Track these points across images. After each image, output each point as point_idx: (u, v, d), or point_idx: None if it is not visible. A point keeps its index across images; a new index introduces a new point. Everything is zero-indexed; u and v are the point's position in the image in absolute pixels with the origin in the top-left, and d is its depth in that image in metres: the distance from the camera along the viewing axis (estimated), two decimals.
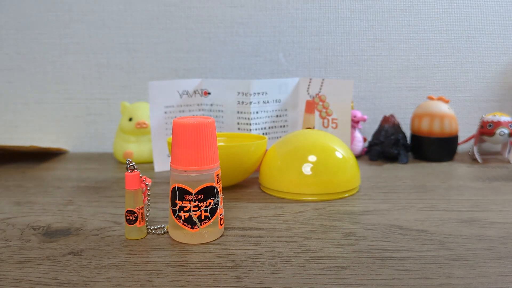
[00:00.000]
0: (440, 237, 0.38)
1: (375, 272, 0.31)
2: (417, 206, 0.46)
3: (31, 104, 0.82)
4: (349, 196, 0.50)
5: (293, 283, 0.30)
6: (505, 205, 0.47)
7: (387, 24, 0.79)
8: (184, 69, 0.80)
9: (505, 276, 0.31)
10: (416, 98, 0.80)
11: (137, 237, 0.38)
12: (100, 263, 0.33)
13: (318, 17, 0.79)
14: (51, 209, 0.47)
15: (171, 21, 0.79)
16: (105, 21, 0.79)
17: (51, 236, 0.39)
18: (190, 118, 0.37)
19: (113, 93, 0.81)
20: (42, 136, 0.82)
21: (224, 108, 0.65)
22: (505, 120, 0.69)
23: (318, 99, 0.67)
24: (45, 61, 0.80)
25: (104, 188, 0.55)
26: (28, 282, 0.30)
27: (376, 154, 0.70)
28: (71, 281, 0.30)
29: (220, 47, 0.79)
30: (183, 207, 0.36)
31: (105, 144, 0.82)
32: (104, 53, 0.80)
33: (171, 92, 0.64)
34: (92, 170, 0.66)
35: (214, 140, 0.37)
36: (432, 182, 0.57)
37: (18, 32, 0.79)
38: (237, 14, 0.78)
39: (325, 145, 0.51)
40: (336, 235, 0.38)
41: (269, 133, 0.66)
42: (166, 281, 0.30)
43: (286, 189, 0.49)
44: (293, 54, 0.80)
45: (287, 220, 0.42)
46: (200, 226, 0.36)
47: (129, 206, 0.37)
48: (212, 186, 0.36)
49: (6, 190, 0.55)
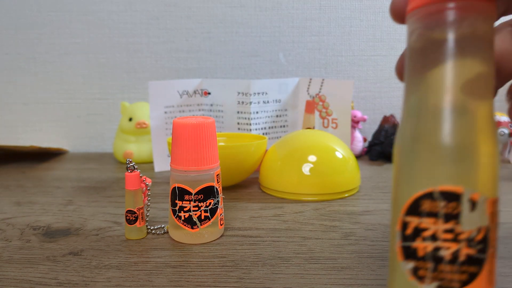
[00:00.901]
0: None
1: (375, 272, 0.31)
2: None
3: (31, 104, 0.82)
4: (349, 196, 0.50)
5: (293, 283, 0.30)
6: (505, 205, 0.47)
7: (387, 24, 0.79)
8: (184, 69, 0.80)
9: (505, 276, 0.30)
10: None
11: (137, 237, 0.38)
12: (100, 263, 0.33)
13: (318, 17, 0.79)
14: (51, 209, 0.47)
15: (171, 21, 0.79)
16: (105, 21, 0.79)
17: (51, 236, 0.39)
18: (190, 118, 0.37)
19: (113, 93, 0.81)
20: (42, 136, 0.82)
21: (224, 108, 0.65)
22: (505, 120, 0.69)
23: (318, 99, 0.66)
24: (45, 61, 0.80)
25: (104, 188, 0.55)
26: (28, 282, 0.30)
27: (376, 154, 0.70)
28: (71, 281, 0.30)
29: (220, 47, 0.79)
30: (183, 207, 0.36)
31: (105, 144, 0.82)
32: (104, 53, 0.80)
33: (171, 92, 0.64)
34: (92, 170, 0.66)
35: (214, 140, 0.37)
36: None
37: (18, 32, 0.79)
38: (237, 14, 0.78)
39: (325, 145, 0.51)
40: (336, 235, 0.38)
41: (269, 133, 0.66)
42: (166, 281, 0.30)
43: (286, 189, 0.49)
44: (293, 54, 0.80)
45: (287, 220, 0.42)
46: (200, 226, 0.36)
47: (129, 206, 0.37)
48: (212, 186, 0.36)
49: (6, 190, 0.55)
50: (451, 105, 0.18)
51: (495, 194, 0.19)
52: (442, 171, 0.18)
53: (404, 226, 0.20)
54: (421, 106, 0.19)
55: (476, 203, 0.18)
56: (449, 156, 0.18)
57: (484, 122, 0.19)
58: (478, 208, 0.18)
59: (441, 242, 0.19)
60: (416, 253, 0.19)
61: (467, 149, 0.18)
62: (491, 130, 0.19)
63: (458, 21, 0.18)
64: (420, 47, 0.19)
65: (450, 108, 0.18)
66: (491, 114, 0.19)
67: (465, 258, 0.18)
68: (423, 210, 0.19)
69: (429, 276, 0.19)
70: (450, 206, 0.19)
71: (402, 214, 0.20)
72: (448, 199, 0.19)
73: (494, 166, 0.19)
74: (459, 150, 0.18)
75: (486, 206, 0.19)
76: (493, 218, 0.19)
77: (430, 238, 0.19)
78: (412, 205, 0.19)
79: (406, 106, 0.20)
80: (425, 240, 0.19)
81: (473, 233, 0.18)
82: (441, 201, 0.19)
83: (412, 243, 0.19)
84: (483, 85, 0.19)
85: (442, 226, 0.19)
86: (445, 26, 0.18)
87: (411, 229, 0.19)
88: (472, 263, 0.18)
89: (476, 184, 0.18)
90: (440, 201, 0.19)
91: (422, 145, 0.19)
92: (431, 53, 0.19)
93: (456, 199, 0.18)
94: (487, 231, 0.19)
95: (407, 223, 0.19)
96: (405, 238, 0.20)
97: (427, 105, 0.19)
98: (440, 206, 0.19)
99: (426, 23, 0.19)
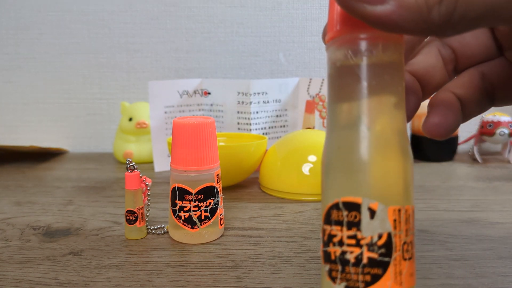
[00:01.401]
0: (440, 237, 0.38)
1: None
2: (417, 206, 0.46)
3: (31, 104, 0.82)
4: None
5: (293, 283, 0.30)
6: (505, 205, 0.47)
7: None
8: (184, 69, 0.80)
9: (505, 276, 0.30)
10: None
11: (137, 237, 0.38)
12: (100, 263, 0.33)
13: (318, 17, 0.79)
14: (51, 209, 0.47)
15: (171, 21, 0.79)
16: (105, 21, 0.79)
17: (51, 236, 0.39)
18: (190, 118, 0.37)
19: (113, 93, 0.81)
20: (42, 136, 0.82)
21: (224, 108, 0.65)
22: (505, 120, 0.69)
23: (318, 99, 0.67)
24: (45, 61, 0.80)
25: (104, 188, 0.55)
26: (28, 282, 0.30)
27: None
28: (71, 281, 0.30)
29: (220, 47, 0.79)
30: (183, 207, 0.36)
31: (105, 144, 0.82)
32: (104, 53, 0.80)
33: (171, 92, 0.64)
34: (92, 170, 0.66)
35: (214, 140, 0.37)
36: (432, 182, 0.57)
37: (18, 32, 0.79)
38: (237, 14, 0.78)
39: None
40: None
41: (269, 133, 0.66)
42: (166, 281, 0.30)
43: (286, 189, 0.49)
44: (293, 54, 0.80)
45: (287, 220, 0.42)
46: (200, 226, 0.36)
47: (129, 206, 0.37)
48: (212, 186, 0.36)
49: (6, 190, 0.55)
50: (354, 123, 0.21)
51: (401, 203, 0.21)
52: (345, 184, 0.21)
53: (323, 233, 0.22)
54: (332, 125, 0.22)
55: (375, 211, 0.20)
56: (349, 170, 0.21)
57: (389, 137, 0.21)
58: (377, 216, 0.20)
59: (346, 247, 0.21)
60: (330, 256, 0.21)
61: (366, 164, 0.20)
62: (397, 145, 0.21)
63: (368, 49, 0.21)
64: (333, 73, 0.22)
65: (353, 126, 0.21)
66: (399, 130, 0.21)
67: (367, 261, 0.20)
68: (332, 219, 0.21)
69: (339, 277, 0.21)
70: (351, 214, 0.21)
71: (322, 223, 0.22)
72: (349, 209, 0.21)
73: (398, 178, 0.21)
74: (360, 164, 0.20)
75: (387, 214, 0.20)
76: (398, 224, 0.21)
77: (338, 243, 0.21)
78: (326, 214, 0.22)
79: (326, 124, 0.23)
80: (335, 245, 0.21)
81: (374, 238, 0.20)
82: (344, 210, 0.21)
83: (328, 248, 0.22)
84: (390, 104, 0.21)
85: (346, 233, 0.21)
86: (356, 54, 0.21)
87: (326, 235, 0.22)
88: (375, 266, 0.20)
89: (374, 195, 0.20)
90: (343, 211, 0.21)
91: (331, 160, 0.22)
92: (342, 78, 0.21)
93: (356, 208, 0.20)
94: (389, 236, 0.20)
95: (324, 230, 0.22)
96: (324, 244, 0.22)
97: (337, 123, 0.22)
98: (344, 215, 0.21)
99: (339, 52, 0.21)
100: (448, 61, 0.27)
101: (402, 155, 0.21)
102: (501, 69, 0.27)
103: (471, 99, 0.26)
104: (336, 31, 0.21)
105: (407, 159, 0.22)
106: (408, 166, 0.22)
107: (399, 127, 0.21)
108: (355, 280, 0.21)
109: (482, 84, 0.27)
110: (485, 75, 0.27)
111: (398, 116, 0.21)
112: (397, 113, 0.21)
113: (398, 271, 0.21)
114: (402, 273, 0.21)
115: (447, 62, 0.27)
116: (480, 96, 0.27)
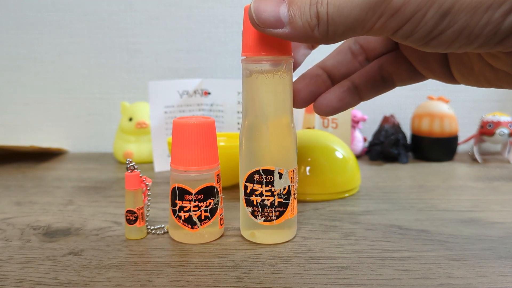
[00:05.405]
0: (440, 237, 0.38)
1: (375, 272, 0.31)
2: (417, 206, 0.46)
3: (31, 104, 0.82)
4: (349, 196, 0.50)
5: (293, 283, 0.30)
6: (505, 205, 0.47)
7: None
8: (184, 69, 0.80)
9: (505, 276, 0.31)
10: (416, 98, 0.80)
11: (137, 237, 0.38)
12: (100, 263, 0.33)
13: None
14: (51, 209, 0.47)
15: (171, 21, 0.79)
16: (105, 21, 0.79)
17: (51, 236, 0.39)
18: (190, 118, 0.37)
19: (113, 93, 0.81)
20: (42, 136, 0.82)
21: (224, 108, 0.65)
22: (505, 120, 0.69)
23: None
24: (45, 61, 0.80)
25: (104, 188, 0.55)
26: (28, 282, 0.30)
27: (376, 154, 0.70)
28: (71, 281, 0.30)
29: (220, 47, 0.79)
30: (183, 207, 0.36)
31: (105, 144, 0.82)
32: (104, 53, 0.80)
33: (171, 92, 0.64)
34: (92, 170, 0.66)
35: (214, 140, 0.37)
36: (432, 182, 0.57)
37: (18, 32, 0.79)
38: (237, 14, 0.78)
39: (325, 145, 0.51)
40: (336, 235, 0.38)
41: None
42: (166, 281, 0.30)
43: None
44: None
45: None
46: (200, 226, 0.36)
47: (129, 206, 0.38)
48: (212, 186, 0.36)
49: (6, 190, 0.55)
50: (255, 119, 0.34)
51: (293, 166, 0.35)
52: (263, 158, 0.34)
53: (245, 187, 0.35)
54: (249, 117, 0.35)
55: (282, 174, 0.34)
56: (265, 149, 0.34)
57: (284, 126, 0.34)
58: (283, 177, 0.34)
59: (265, 197, 0.35)
60: (252, 203, 0.35)
61: (277, 146, 0.34)
62: (289, 130, 0.35)
63: (268, 65, 0.33)
64: (245, 80, 0.34)
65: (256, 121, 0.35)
66: (287, 123, 0.34)
67: (277, 204, 0.35)
68: (254, 179, 0.34)
69: (259, 215, 0.35)
70: (268, 177, 0.34)
71: (244, 181, 0.35)
72: (266, 174, 0.34)
73: (292, 152, 0.35)
74: (273, 147, 0.34)
75: (288, 175, 0.34)
76: (293, 179, 0.35)
77: (259, 195, 0.35)
78: (249, 176, 0.35)
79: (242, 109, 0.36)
80: (256, 196, 0.35)
81: (282, 190, 0.34)
82: (263, 174, 0.34)
83: (250, 197, 0.35)
84: (284, 102, 0.34)
85: (265, 188, 0.34)
86: (258, 69, 0.33)
87: (249, 189, 0.35)
88: (282, 206, 0.35)
89: (280, 164, 0.34)
90: (263, 175, 0.34)
91: (251, 142, 0.35)
92: (252, 82, 0.33)
93: (271, 173, 0.34)
94: (289, 188, 0.35)
95: (247, 186, 0.35)
96: (246, 194, 0.35)
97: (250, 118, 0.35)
98: (263, 177, 0.34)
99: (248, 65, 0.33)
100: (358, 54, 0.37)
101: (291, 135, 0.35)
102: (396, 59, 0.35)
103: (365, 84, 0.36)
104: (249, 51, 0.32)
105: (293, 137, 0.35)
106: (294, 141, 0.35)
107: (289, 119, 0.34)
108: (270, 215, 0.35)
109: (378, 72, 0.36)
110: (382, 65, 0.36)
111: (287, 113, 0.34)
112: (286, 111, 0.34)
113: (292, 206, 0.36)
114: (294, 206, 0.36)
115: (356, 55, 0.37)
116: (374, 82, 0.36)
